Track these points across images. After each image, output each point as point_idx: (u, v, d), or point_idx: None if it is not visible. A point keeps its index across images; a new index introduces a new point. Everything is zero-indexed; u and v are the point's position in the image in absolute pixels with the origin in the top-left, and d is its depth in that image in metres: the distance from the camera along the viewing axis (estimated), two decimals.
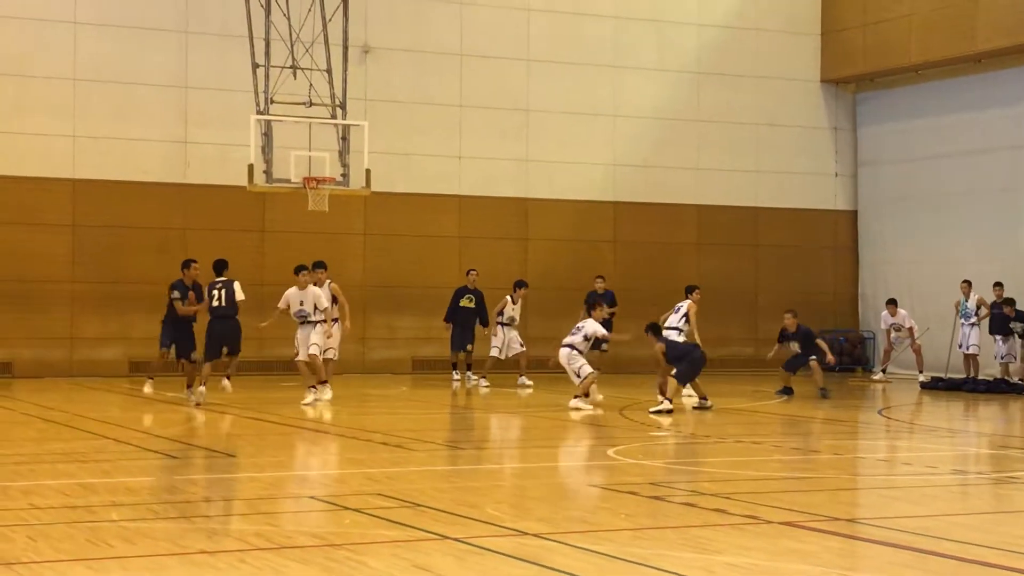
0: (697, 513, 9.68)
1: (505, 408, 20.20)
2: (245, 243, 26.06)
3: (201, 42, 25.98)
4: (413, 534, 8.61)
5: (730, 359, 28.94)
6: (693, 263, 29.46)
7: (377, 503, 9.98)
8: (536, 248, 28.36)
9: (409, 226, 27.33)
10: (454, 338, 24.18)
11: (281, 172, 22.85)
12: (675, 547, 8.27)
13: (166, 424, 16.72)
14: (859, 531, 9.30)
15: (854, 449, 15.41)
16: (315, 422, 17.09)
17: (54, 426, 16.23)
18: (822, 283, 30.23)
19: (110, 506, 9.80)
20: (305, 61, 23.41)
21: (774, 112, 30.22)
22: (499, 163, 28.13)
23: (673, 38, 29.43)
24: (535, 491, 11.16)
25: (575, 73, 28.62)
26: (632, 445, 14.53)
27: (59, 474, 11.68)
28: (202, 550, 8.01)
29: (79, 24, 25.29)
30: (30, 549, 7.94)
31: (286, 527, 9.04)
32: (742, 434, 16.04)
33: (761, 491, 11.00)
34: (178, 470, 12.53)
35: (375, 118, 24.92)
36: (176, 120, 25.89)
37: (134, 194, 25.56)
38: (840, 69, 30.36)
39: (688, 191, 29.56)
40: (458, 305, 24.25)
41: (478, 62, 27.92)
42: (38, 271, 24.93)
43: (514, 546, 8.19)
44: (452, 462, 13.57)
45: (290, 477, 12.24)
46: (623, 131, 29.05)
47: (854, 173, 30.98)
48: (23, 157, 24.86)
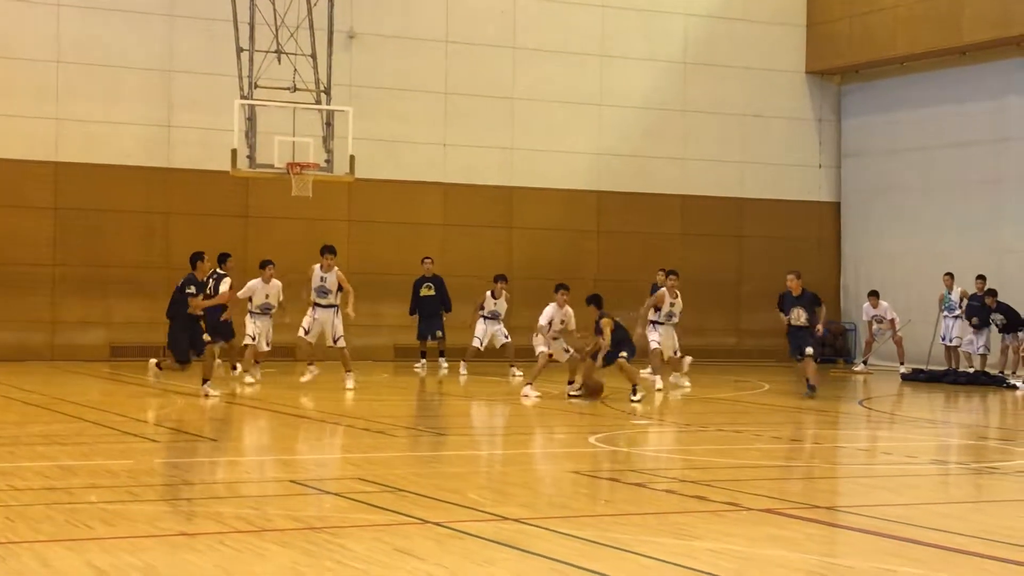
0: (678, 500, 9.68)
1: (487, 395, 20.19)
2: (228, 228, 25.98)
3: (186, 25, 25.88)
4: (394, 518, 8.59)
5: (713, 349, 28.96)
6: (677, 253, 29.45)
7: (358, 488, 9.97)
8: (520, 237, 28.33)
9: (393, 213, 27.28)
10: (420, 328, 24.22)
11: (265, 157, 22.78)
12: (656, 533, 8.27)
13: (147, 408, 16.67)
14: (840, 519, 9.32)
15: (835, 439, 15.44)
16: (296, 407, 17.05)
17: (34, 409, 16.17)
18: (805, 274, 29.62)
19: (90, 488, 9.76)
20: (290, 46, 23.34)
21: (760, 103, 30.23)
22: (484, 151, 28.09)
23: (660, 28, 29.41)
24: (516, 477, 11.15)
25: (561, 62, 28.59)
26: (613, 432, 14.54)
27: (39, 456, 11.64)
28: (182, 532, 7.99)
29: (63, 6, 25.17)
30: (8, 530, 7.91)
31: (266, 510, 9.02)
32: (723, 423, 16.06)
33: (742, 479, 11.01)
34: (158, 453, 12.49)
35: (360, 104, 24.85)
36: (160, 104, 25.79)
37: (117, 178, 25.46)
38: (826, 60, 30.39)
39: (673, 181, 29.57)
40: (419, 295, 24.27)
41: (464, 49, 27.87)
42: (20, 254, 24.83)
43: (495, 531, 8.18)
44: (433, 448, 13.55)
45: (271, 461, 12.21)
46: (609, 120, 29.03)
47: (838, 164, 31.03)
48: (5, 139, 24.75)
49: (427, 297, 24.25)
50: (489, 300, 23.28)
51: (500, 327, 23.32)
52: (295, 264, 26.10)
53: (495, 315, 23.30)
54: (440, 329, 24.21)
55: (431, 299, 24.23)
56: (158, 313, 25.55)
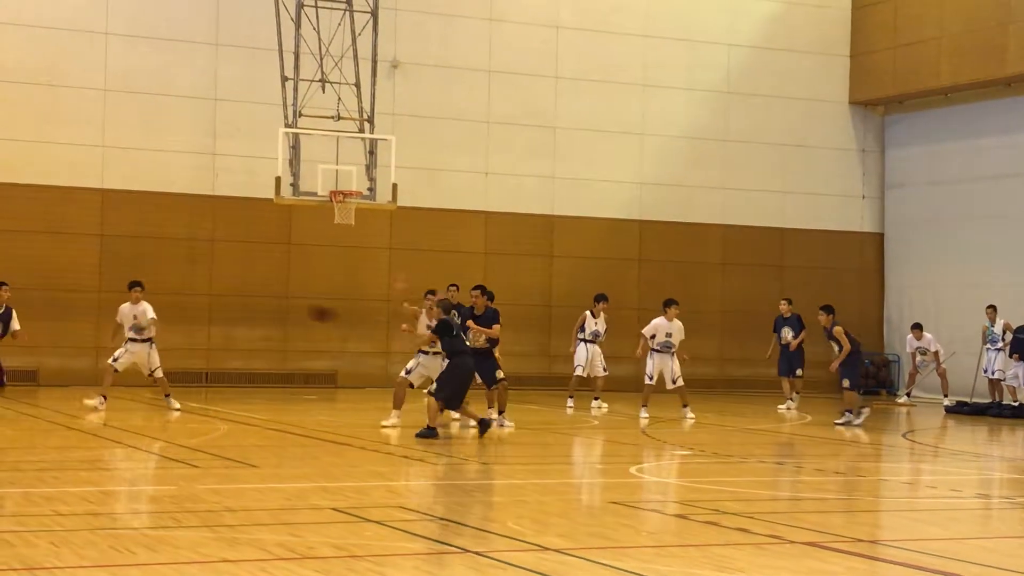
0: (719, 532, 9.63)
1: (526, 425, 20.16)
2: (271, 255, 26.15)
3: (231, 54, 26.10)
4: (435, 547, 8.59)
5: (755, 379, 28.84)
6: (718, 283, 29.42)
7: (399, 516, 9.97)
8: (561, 265, 28.34)
9: (435, 241, 27.35)
10: None
11: (308, 185, 22.91)
12: (697, 565, 8.23)
13: (189, 434, 16.75)
14: (883, 553, 9.24)
15: (878, 471, 15.32)
16: (336, 434, 17.08)
17: (77, 434, 16.28)
18: (848, 305, 29.96)
19: (132, 514, 9.82)
20: (334, 75, 23.49)
21: (802, 133, 30.16)
22: (526, 179, 28.15)
23: (702, 57, 29.42)
24: (556, 507, 11.12)
25: (603, 91, 28.63)
26: (654, 463, 14.49)
27: (82, 481, 11.71)
28: (224, 559, 8.02)
29: (110, 35, 25.45)
30: (53, 555, 7.96)
31: (308, 538, 9.04)
32: (765, 455, 15.97)
33: (784, 511, 10.95)
34: (200, 479, 12.54)
35: (402, 133, 24.97)
36: (205, 132, 26.00)
37: (162, 205, 25.67)
38: (869, 91, 30.30)
39: (714, 211, 29.52)
40: None
41: (506, 78, 27.96)
42: (66, 280, 25.04)
43: (535, 561, 8.16)
44: (474, 476, 13.55)
45: (312, 488, 12.23)
46: (650, 150, 29.04)
47: (881, 195, 30.88)
48: (53, 166, 25.01)
49: None
50: (590, 320, 22.50)
51: (599, 352, 22.37)
52: (338, 291, 26.31)
53: (596, 336, 22.46)
54: None
55: None
56: (201, 339, 25.89)
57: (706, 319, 29.05)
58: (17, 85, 24.93)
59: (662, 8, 29.12)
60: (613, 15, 28.75)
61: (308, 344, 25.41)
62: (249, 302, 25.57)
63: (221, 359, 25.93)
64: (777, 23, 30.04)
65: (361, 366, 26.09)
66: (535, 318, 27.85)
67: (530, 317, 27.79)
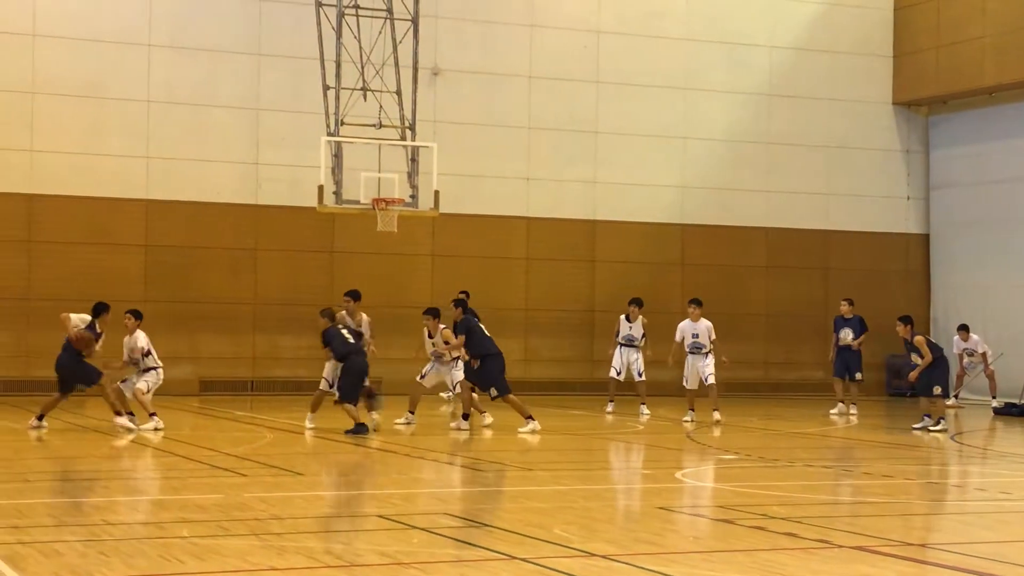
0: (767, 536, 9.58)
1: (570, 431, 20.14)
2: (315, 264, 26.26)
3: (273, 64, 26.23)
4: (481, 554, 8.59)
5: (801, 383, 28.71)
6: (762, 286, 29.30)
7: (444, 523, 9.98)
8: (604, 270, 28.30)
9: (477, 247, 27.38)
10: None
11: (351, 193, 22.99)
12: (745, 570, 8.19)
13: (235, 443, 16.83)
14: (932, 556, 9.17)
15: (926, 474, 15.20)
16: (381, 442, 17.12)
17: (125, 444, 16.39)
18: (893, 307, 29.67)
19: (180, 522, 9.87)
20: (375, 83, 23.56)
21: (845, 135, 29.99)
22: (567, 185, 28.13)
23: (744, 60, 29.31)
24: (603, 513, 11.10)
25: (645, 95, 28.57)
26: (700, 468, 14.44)
27: (130, 491, 11.79)
28: (272, 567, 8.05)
29: (153, 47, 25.64)
30: (103, 564, 8.01)
31: (354, 545, 9.06)
32: (812, 458, 15.89)
33: (832, 515, 10.88)
34: (247, 488, 12.60)
35: (444, 140, 25.03)
36: (248, 142, 26.15)
37: (206, 215, 25.83)
38: (913, 91, 30.10)
39: (758, 214, 29.39)
40: None
41: (547, 84, 27.96)
42: (111, 290, 25.16)
43: (582, 567, 8.14)
44: (520, 483, 13.54)
45: (358, 496, 12.27)
46: (693, 153, 28.96)
47: (926, 196, 30.66)
48: (98, 178, 25.22)
49: None
50: (623, 324, 22.46)
51: (638, 357, 22.36)
52: (381, 299, 26.36)
53: (630, 341, 22.39)
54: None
55: None
56: (246, 348, 26.02)
57: (750, 323, 28.96)
58: (63, 98, 25.16)
59: (703, 11, 29.03)
60: (654, 19, 28.69)
61: None
62: (293, 311, 25.66)
63: (266, 367, 26.05)
64: (819, 24, 29.89)
65: (405, 373, 26.07)
66: (577, 324, 27.82)
67: (572, 323, 27.78)
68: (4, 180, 24.83)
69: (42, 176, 25.01)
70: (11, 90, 24.87)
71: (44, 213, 25.01)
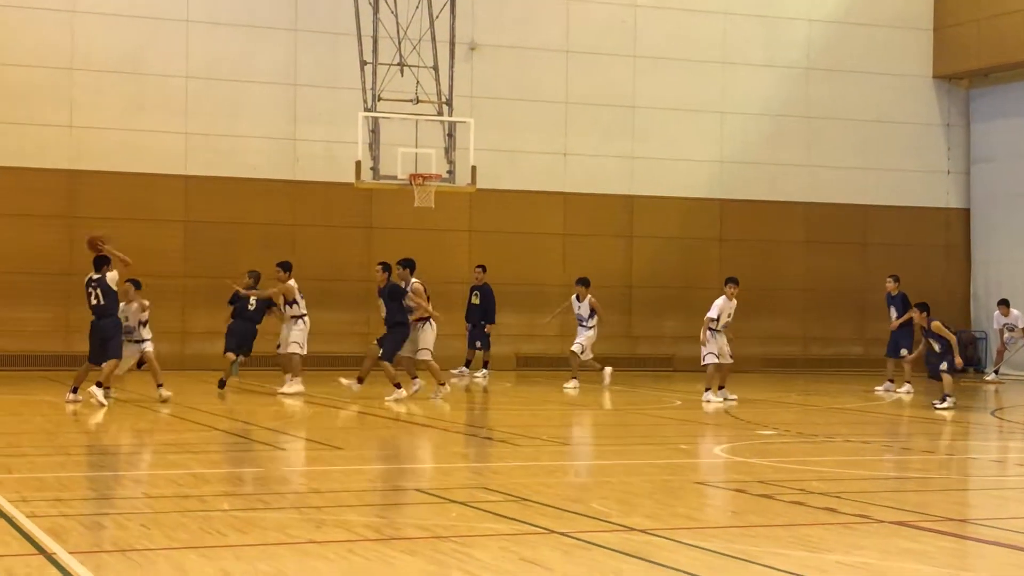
0: (806, 511, 9.56)
1: (608, 406, 20.14)
2: (352, 239, 26.31)
3: (310, 40, 26.26)
4: (519, 528, 8.61)
5: (840, 358, 28.59)
6: (801, 261, 29.16)
7: (482, 497, 10.01)
8: (641, 246, 28.23)
9: (514, 223, 27.36)
10: (468, 336, 24.46)
11: (388, 169, 23.03)
12: (785, 545, 8.17)
13: (275, 417, 16.92)
14: (972, 531, 9.12)
15: (966, 450, 15.12)
16: (419, 416, 17.17)
17: (166, 418, 16.51)
18: (933, 282, 29.61)
19: (221, 496, 9.94)
20: (412, 58, 23.56)
21: (885, 108, 29.77)
22: (605, 160, 28.06)
23: (782, 34, 29.13)
24: (641, 487, 11.10)
25: (682, 69, 28.44)
26: (738, 443, 14.42)
27: (171, 464, 11.88)
28: (311, 540, 8.09)
29: (191, 23, 25.71)
30: (144, 537, 8.07)
31: (393, 519, 9.09)
32: (851, 433, 15.83)
33: (871, 490, 10.84)
34: (287, 461, 12.68)
35: (481, 115, 25.00)
36: (285, 117, 26.20)
37: (244, 191, 25.92)
38: (953, 65, 29.83)
39: (796, 188, 29.24)
40: (469, 303, 24.43)
41: (584, 58, 27.87)
42: (152, 266, 25.28)
43: (621, 541, 8.15)
44: (557, 457, 13.56)
45: (396, 470, 12.31)
46: (731, 128, 28.82)
47: (967, 170, 30.42)
48: (138, 154, 25.35)
49: (473, 306, 24.41)
50: (574, 304, 22.77)
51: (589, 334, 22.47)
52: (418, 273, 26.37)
53: (580, 320, 22.75)
54: (480, 340, 24.25)
55: (476, 308, 24.35)
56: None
57: (789, 298, 28.86)
58: (102, 74, 25.29)
59: None
60: None
61: None
62: (331, 286, 25.71)
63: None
64: None
65: (442, 348, 26.12)
66: (616, 299, 27.77)
67: (611, 298, 27.69)
68: (45, 156, 25.00)
69: (82, 152, 25.17)
70: (51, 67, 25.02)
71: (85, 189, 25.18)
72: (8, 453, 12.39)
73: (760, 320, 28.38)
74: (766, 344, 28.52)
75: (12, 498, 9.33)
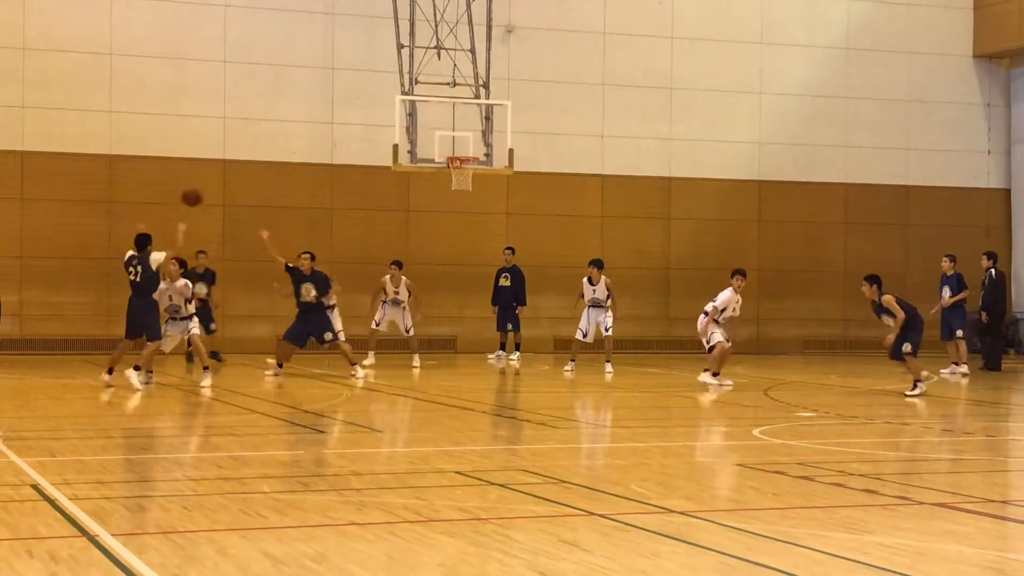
0: (847, 493, 9.53)
1: (646, 388, 20.12)
2: (390, 222, 26.37)
3: (347, 23, 26.29)
4: (559, 510, 8.62)
5: (878, 341, 28.37)
6: (840, 243, 29.01)
7: (522, 479, 10.02)
8: (680, 227, 28.15)
9: (552, 205, 27.35)
10: (497, 319, 24.40)
11: (425, 152, 23.05)
12: (825, 527, 8.15)
13: (314, 400, 17.00)
14: (1013, 513, 9.07)
15: (1007, 431, 15.03)
16: (458, 399, 17.20)
17: (206, 401, 16.61)
18: (974, 263, 29.36)
19: (262, 478, 9.99)
20: (449, 41, 23.55)
21: (925, 88, 29.55)
22: (642, 142, 27.98)
23: (821, 14, 28.94)
24: (680, 469, 11.09)
25: (720, 50, 28.32)
26: (778, 425, 14.37)
27: (212, 447, 11.95)
28: (352, 522, 8.13)
29: (229, 7, 25.79)
30: (186, 519, 8.13)
31: (433, 501, 9.12)
32: (891, 415, 15.75)
33: (912, 472, 10.79)
34: (327, 444, 12.73)
35: (518, 98, 24.96)
36: (323, 101, 26.26)
37: (282, 174, 26.01)
38: (994, 44, 29.55)
39: (836, 170, 29.08)
40: (497, 285, 24.37)
41: (621, 40, 27.78)
42: (190, 249, 25.45)
43: (661, 523, 8.14)
44: (596, 440, 13.56)
45: (435, 452, 12.34)
46: (769, 109, 28.67)
47: (1007, 150, 30.16)
48: (177, 138, 25.47)
49: (503, 288, 24.36)
50: (587, 288, 21.91)
51: (607, 315, 21.74)
52: (456, 257, 26.46)
53: (596, 303, 21.85)
54: (512, 322, 24.19)
55: (506, 290, 24.30)
56: None
57: (828, 280, 28.72)
58: (141, 59, 25.41)
59: None
60: None
61: (428, 310, 25.51)
62: (369, 269, 25.76)
63: (344, 325, 26.17)
64: None
65: (480, 332, 26.21)
66: (654, 281, 27.75)
67: (649, 280, 27.70)
68: (85, 141, 25.16)
69: (121, 137, 25.31)
70: (90, 52, 25.15)
71: (124, 173, 25.32)
72: (50, 436, 12.50)
73: (800, 302, 28.29)
74: (806, 326, 28.42)
75: (55, 481, 9.41)
